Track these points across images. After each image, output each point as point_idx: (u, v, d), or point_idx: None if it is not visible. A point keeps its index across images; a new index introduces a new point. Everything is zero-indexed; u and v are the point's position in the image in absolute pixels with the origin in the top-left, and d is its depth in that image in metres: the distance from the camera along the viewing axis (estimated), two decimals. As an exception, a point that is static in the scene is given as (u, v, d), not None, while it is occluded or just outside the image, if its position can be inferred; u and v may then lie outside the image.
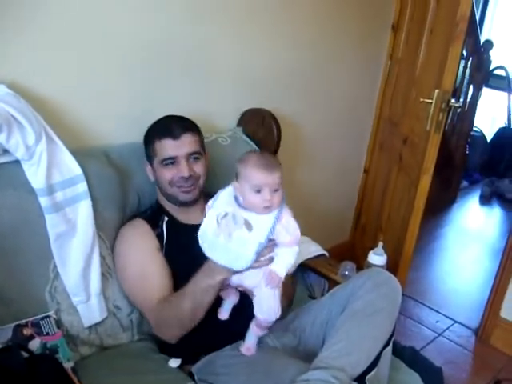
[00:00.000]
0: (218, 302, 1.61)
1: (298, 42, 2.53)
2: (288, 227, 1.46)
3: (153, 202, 1.85)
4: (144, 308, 1.70)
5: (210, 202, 1.54)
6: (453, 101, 2.47)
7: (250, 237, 1.42)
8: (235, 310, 1.63)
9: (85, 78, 1.81)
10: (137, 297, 1.71)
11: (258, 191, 1.43)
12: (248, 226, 1.42)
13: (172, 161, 1.71)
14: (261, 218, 1.44)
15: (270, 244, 1.45)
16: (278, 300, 1.53)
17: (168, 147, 1.70)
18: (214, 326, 1.61)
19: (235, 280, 1.54)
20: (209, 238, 1.45)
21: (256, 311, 1.55)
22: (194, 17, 2.04)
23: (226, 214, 1.45)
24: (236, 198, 1.49)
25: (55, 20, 1.67)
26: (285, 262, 1.47)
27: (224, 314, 1.62)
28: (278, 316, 1.54)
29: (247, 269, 1.46)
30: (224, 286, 1.57)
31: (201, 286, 1.53)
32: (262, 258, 1.45)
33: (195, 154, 1.74)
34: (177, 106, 1.93)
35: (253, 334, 1.59)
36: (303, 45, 2.56)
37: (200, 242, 1.47)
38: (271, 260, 1.47)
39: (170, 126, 1.73)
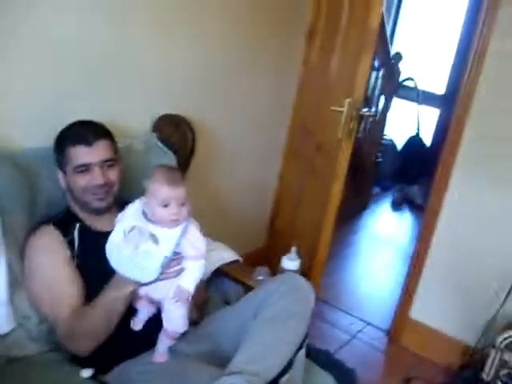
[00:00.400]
0: (131, 311, 1.59)
1: (213, 47, 2.53)
2: (194, 241, 1.51)
3: (63, 208, 1.79)
4: (53, 318, 1.63)
5: (119, 216, 1.56)
6: (364, 110, 2.55)
7: (156, 250, 1.45)
8: (150, 317, 1.61)
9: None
10: (46, 307, 1.65)
11: (166, 205, 1.47)
12: (154, 239, 1.45)
13: (86, 168, 1.67)
14: (167, 232, 1.48)
15: (178, 257, 1.49)
16: (185, 313, 1.55)
17: (81, 154, 1.66)
18: (127, 334, 1.59)
19: (143, 292, 1.55)
20: (115, 251, 1.47)
21: (164, 322, 1.57)
22: (107, 16, 2.01)
23: (132, 228, 1.48)
24: (144, 213, 1.52)
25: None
26: (192, 276, 1.51)
27: (137, 325, 1.61)
28: (185, 328, 1.57)
29: (154, 281, 1.48)
30: (135, 297, 1.56)
31: (109, 298, 1.52)
32: (170, 270, 1.48)
33: (109, 160, 1.71)
34: (89, 110, 1.89)
35: (162, 343, 1.60)
36: (217, 50, 2.56)
37: (107, 254, 1.48)
38: (179, 272, 1.49)
39: (83, 132, 1.69)
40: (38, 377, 1.60)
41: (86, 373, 1.61)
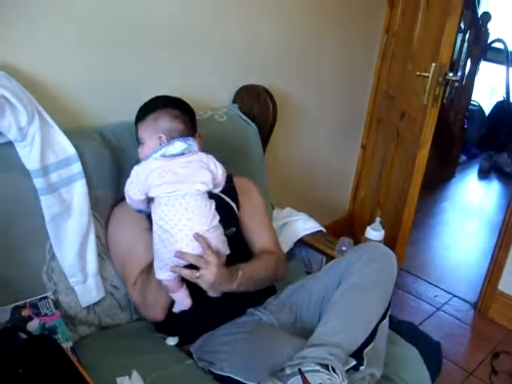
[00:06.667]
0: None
1: (293, 16, 2.50)
2: None
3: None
4: (128, 285, 1.69)
5: None
6: (450, 74, 2.45)
7: None
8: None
9: (75, 57, 1.79)
10: (122, 274, 1.72)
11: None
12: None
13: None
14: None
15: None
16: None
17: (140, 128, 1.67)
18: (208, 305, 1.60)
19: None
20: None
21: None
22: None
23: None
24: None
25: (41, 1, 1.65)
26: None
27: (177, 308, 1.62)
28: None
29: None
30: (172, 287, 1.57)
31: None
32: None
33: None
34: (169, 85, 1.91)
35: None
36: (298, 19, 2.53)
37: None
38: None
39: (148, 106, 1.68)
40: (127, 343, 1.67)
41: (172, 341, 1.68)
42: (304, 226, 2.24)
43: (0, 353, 1.26)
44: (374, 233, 2.07)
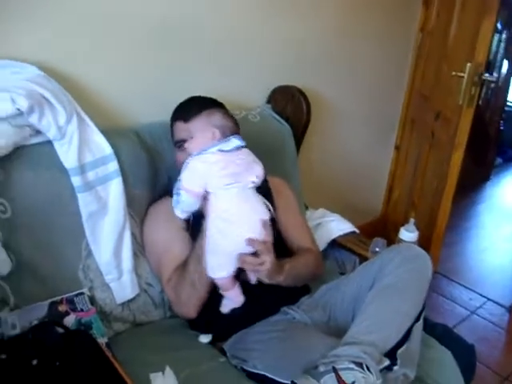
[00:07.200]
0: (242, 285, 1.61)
1: (327, 16, 2.50)
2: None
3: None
4: (162, 282, 1.70)
5: None
6: (486, 75, 2.42)
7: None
8: (264, 286, 1.61)
9: (114, 58, 1.83)
10: (158, 271, 1.73)
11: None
12: None
13: (182, 144, 1.67)
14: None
15: None
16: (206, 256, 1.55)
17: (178, 130, 1.69)
18: (243, 303, 1.61)
19: None
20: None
21: None
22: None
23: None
24: None
25: (83, 3, 1.68)
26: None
27: (225, 309, 1.62)
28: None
29: None
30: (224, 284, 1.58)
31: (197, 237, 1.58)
32: None
33: None
34: (204, 86, 1.92)
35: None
36: (331, 19, 2.53)
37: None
38: None
39: (185, 108, 1.71)
40: (161, 340, 1.68)
41: (205, 338, 1.69)
42: (338, 226, 2.24)
43: (38, 346, 1.29)
44: (408, 234, 2.05)
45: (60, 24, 1.65)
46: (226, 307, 1.61)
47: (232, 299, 1.60)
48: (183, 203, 1.52)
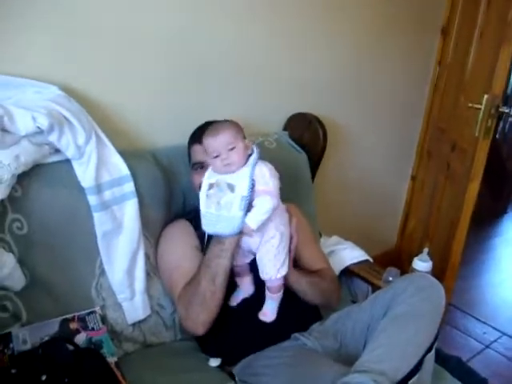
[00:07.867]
0: (247, 303, 1.66)
1: (345, 46, 2.53)
2: (264, 175, 1.52)
3: (197, 204, 1.86)
4: (174, 298, 1.70)
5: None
6: (504, 107, 2.42)
7: (235, 196, 1.48)
8: (277, 313, 1.63)
9: (134, 81, 1.86)
10: (169, 288, 1.73)
11: (216, 156, 1.50)
12: (231, 187, 1.49)
13: (200, 166, 1.71)
14: (238, 173, 1.50)
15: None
16: (272, 259, 1.57)
17: (196, 152, 1.72)
18: (253, 327, 1.62)
19: (243, 244, 1.60)
20: (204, 214, 1.52)
21: (260, 274, 1.61)
22: (239, 21, 2.08)
23: (210, 186, 1.52)
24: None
25: (107, 27, 1.73)
26: (257, 211, 1.49)
27: (233, 300, 1.67)
28: (277, 276, 1.58)
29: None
30: (238, 273, 1.64)
31: (213, 253, 1.56)
32: None
33: None
34: (222, 111, 1.94)
35: (268, 298, 1.64)
36: (350, 49, 2.56)
37: (203, 225, 1.53)
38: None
39: (203, 131, 1.71)
40: (171, 362, 1.68)
41: (214, 362, 1.68)
42: (351, 254, 2.23)
43: (48, 361, 1.30)
44: (422, 264, 2.04)
45: (82, 45, 1.69)
46: (235, 299, 1.66)
47: (244, 287, 1.65)
48: (269, 210, 1.51)
